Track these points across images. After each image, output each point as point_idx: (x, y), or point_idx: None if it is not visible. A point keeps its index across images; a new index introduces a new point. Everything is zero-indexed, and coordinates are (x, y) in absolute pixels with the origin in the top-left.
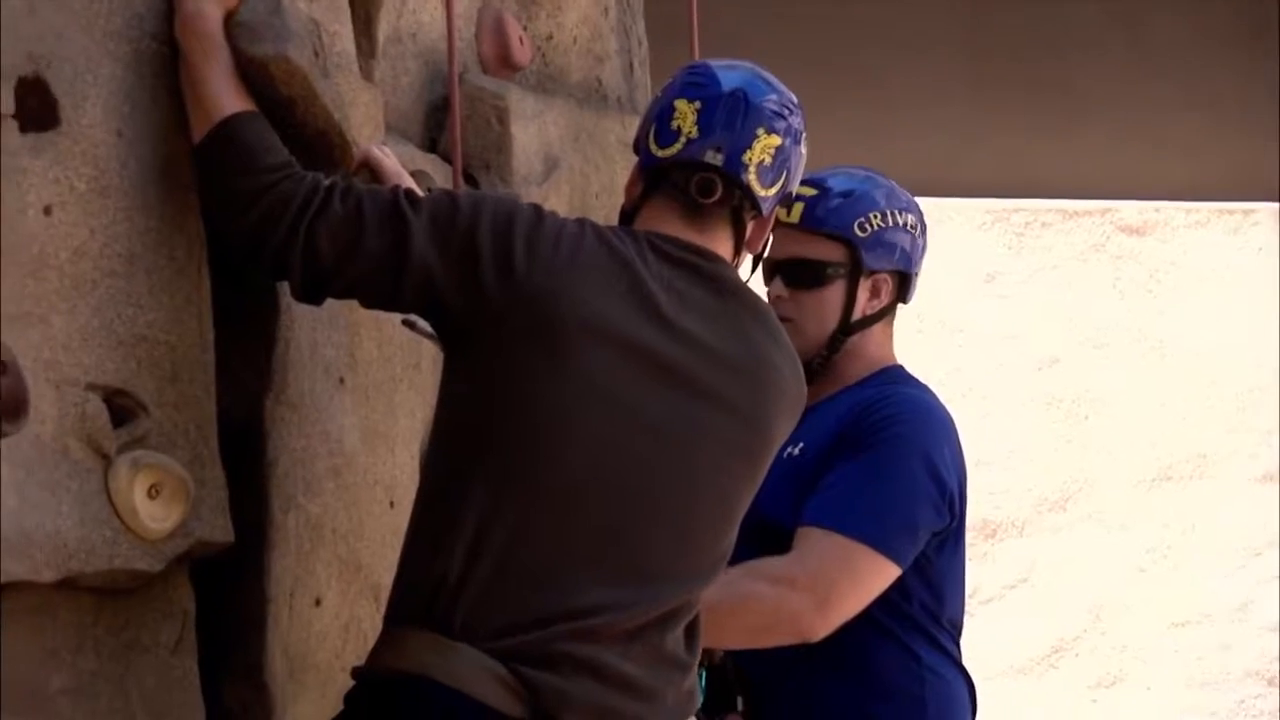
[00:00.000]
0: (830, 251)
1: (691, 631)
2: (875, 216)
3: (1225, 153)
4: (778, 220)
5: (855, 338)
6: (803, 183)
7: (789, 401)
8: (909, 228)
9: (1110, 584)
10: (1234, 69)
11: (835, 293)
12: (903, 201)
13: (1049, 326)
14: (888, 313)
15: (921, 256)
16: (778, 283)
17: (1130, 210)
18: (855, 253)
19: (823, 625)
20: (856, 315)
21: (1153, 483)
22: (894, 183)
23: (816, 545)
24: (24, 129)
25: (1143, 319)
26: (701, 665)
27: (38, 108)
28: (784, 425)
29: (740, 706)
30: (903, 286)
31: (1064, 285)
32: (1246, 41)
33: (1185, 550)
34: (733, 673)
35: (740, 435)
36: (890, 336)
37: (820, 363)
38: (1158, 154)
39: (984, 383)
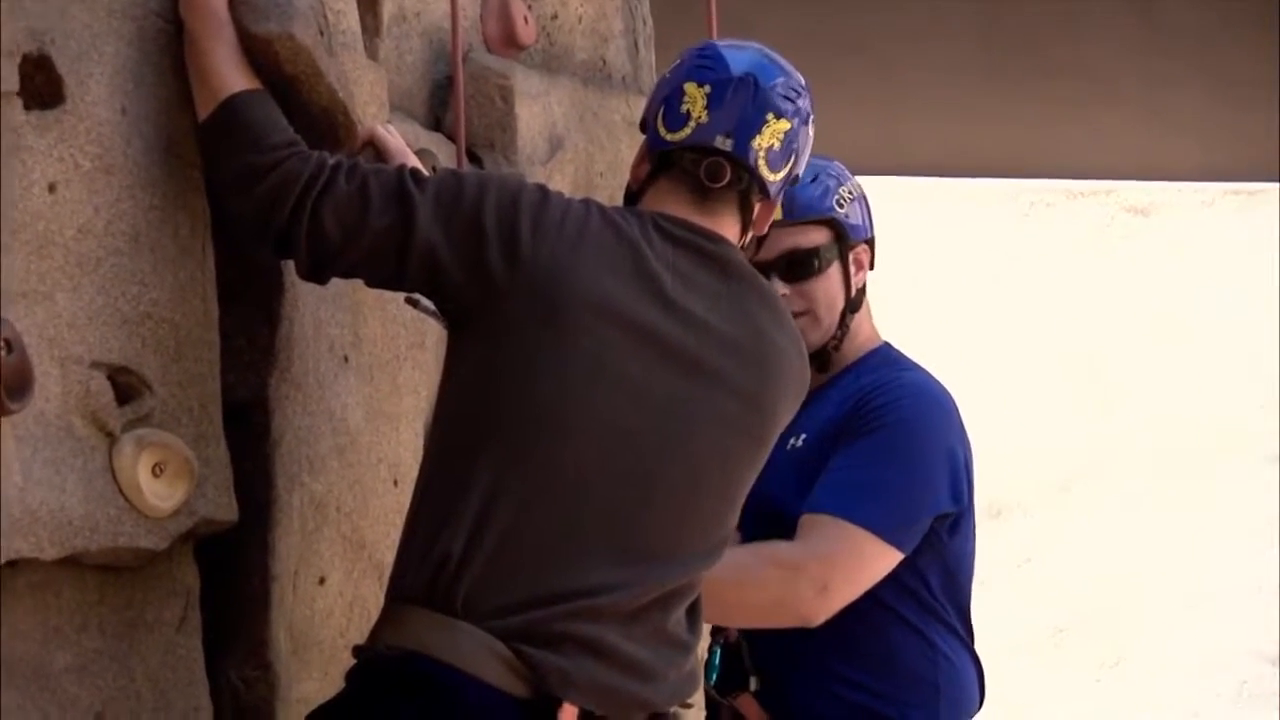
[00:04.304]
0: (818, 236)
1: (693, 612)
2: (844, 191)
3: (1232, 133)
4: None
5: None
6: None
7: (793, 383)
8: (862, 195)
9: (1116, 564)
10: (1241, 50)
11: (835, 275)
12: (846, 172)
13: (1056, 306)
14: (865, 285)
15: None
16: (776, 283)
17: (1137, 191)
18: (840, 231)
19: (824, 611)
20: (853, 292)
21: (1158, 461)
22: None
23: (822, 532)
24: (28, 106)
25: (1150, 299)
26: (716, 644)
27: (42, 85)
28: (788, 407)
29: (753, 686)
30: (870, 254)
31: (1070, 266)
32: (1255, 22)
33: (1192, 530)
34: (746, 652)
35: (743, 416)
36: (870, 312)
37: (835, 346)
38: (1165, 135)
39: (991, 363)
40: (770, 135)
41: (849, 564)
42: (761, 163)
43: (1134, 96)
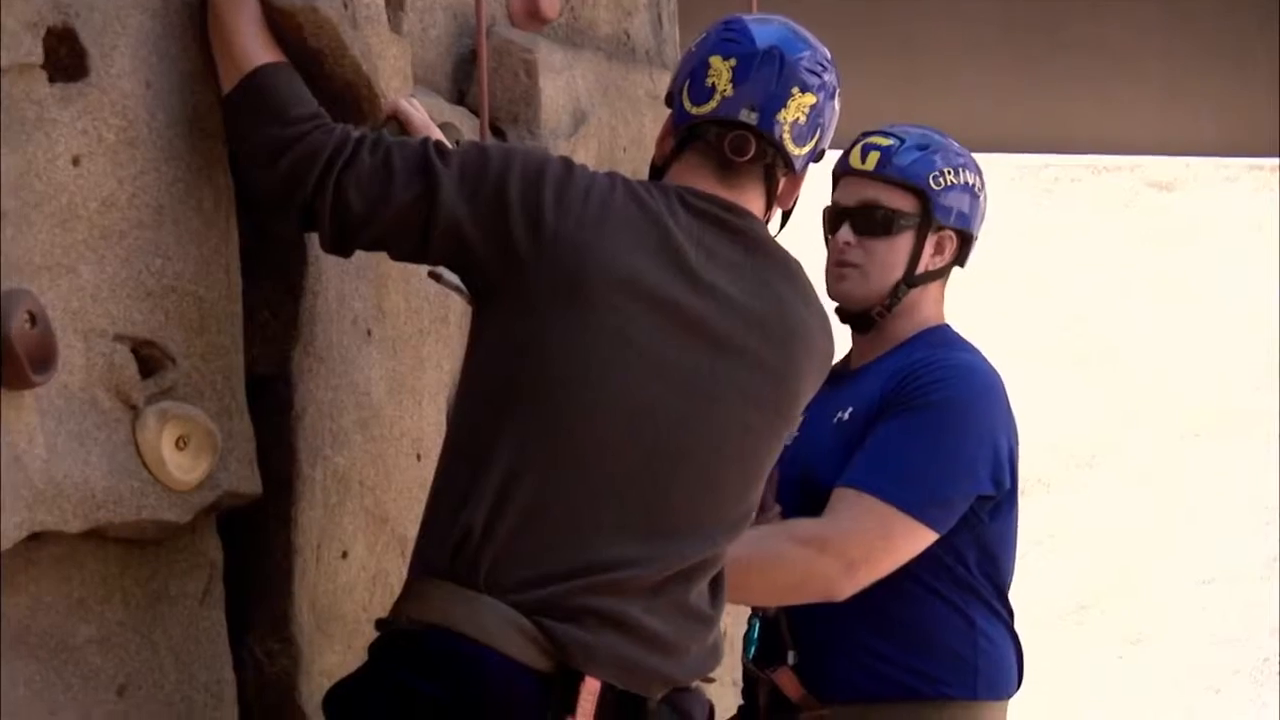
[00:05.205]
0: (903, 201)
1: (715, 586)
2: (949, 172)
3: (1255, 108)
4: (850, 167)
5: (913, 293)
6: (878, 133)
7: (817, 357)
8: (975, 189)
9: (1138, 540)
10: (1264, 24)
11: (904, 243)
12: (972, 163)
13: (1078, 283)
14: (945, 272)
15: (981, 221)
16: (845, 229)
17: (1159, 166)
18: (927, 205)
19: (850, 587)
20: (920, 269)
21: (1180, 439)
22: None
23: (850, 508)
24: (53, 79)
25: (1171, 275)
26: (754, 618)
27: (66, 58)
28: (811, 381)
29: (791, 660)
30: (962, 248)
31: (1093, 241)
32: None
33: (1212, 507)
34: (785, 626)
35: (766, 390)
36: (943, 298)
37: (880, 313)
38: (1188, 110)
39: (1012, 338)
40: (795, 109)
41: (875, 541)
42: (786, 136)
43: (1157, 71)
